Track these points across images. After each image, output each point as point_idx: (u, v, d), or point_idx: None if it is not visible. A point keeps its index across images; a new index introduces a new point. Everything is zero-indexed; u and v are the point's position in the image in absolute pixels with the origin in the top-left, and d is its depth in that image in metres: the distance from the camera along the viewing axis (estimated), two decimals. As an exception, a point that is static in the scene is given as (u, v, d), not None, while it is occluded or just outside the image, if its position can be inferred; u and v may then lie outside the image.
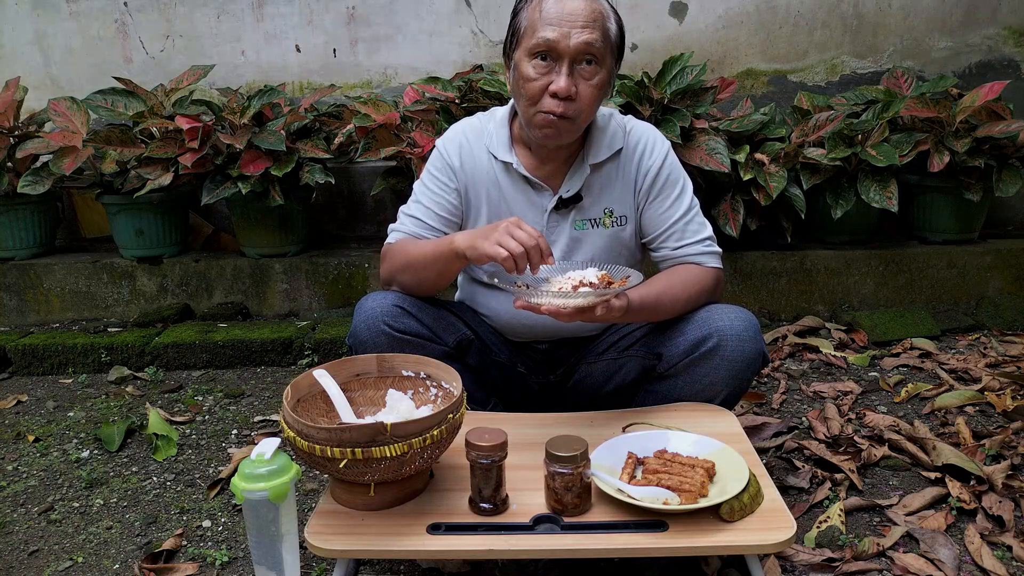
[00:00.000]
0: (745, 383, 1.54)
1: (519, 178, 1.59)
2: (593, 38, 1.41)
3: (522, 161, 1.58)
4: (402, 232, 1.61)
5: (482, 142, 1.61)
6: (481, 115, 1.66)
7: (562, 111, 1.43)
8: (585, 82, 1.44)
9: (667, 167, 1.60)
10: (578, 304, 1.31)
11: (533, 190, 1.59)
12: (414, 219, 1.61)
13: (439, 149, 1.63)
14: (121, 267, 2.94)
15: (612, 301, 1.34)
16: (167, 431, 2.08)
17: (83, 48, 3.36)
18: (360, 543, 1.19)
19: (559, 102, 1.43)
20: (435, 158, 1.63)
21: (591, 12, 1.42)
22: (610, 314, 1.35)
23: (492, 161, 1.59)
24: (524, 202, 1.60)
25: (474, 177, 1.60)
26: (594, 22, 1.42)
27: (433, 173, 1.62)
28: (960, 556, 1.48)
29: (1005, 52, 3.26)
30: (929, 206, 2.89)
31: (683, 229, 1.60)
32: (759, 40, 3.28)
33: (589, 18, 1.41)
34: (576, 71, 1.43)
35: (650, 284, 1.51)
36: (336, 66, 3.36)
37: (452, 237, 1.45)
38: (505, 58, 1.53)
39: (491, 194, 1.60)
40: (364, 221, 3.31)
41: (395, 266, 1.57)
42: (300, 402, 1.32)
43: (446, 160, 1.61)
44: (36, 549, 1.63)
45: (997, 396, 2.15)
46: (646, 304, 1.46)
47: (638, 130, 1.62)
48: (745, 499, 1.20)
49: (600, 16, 1.44)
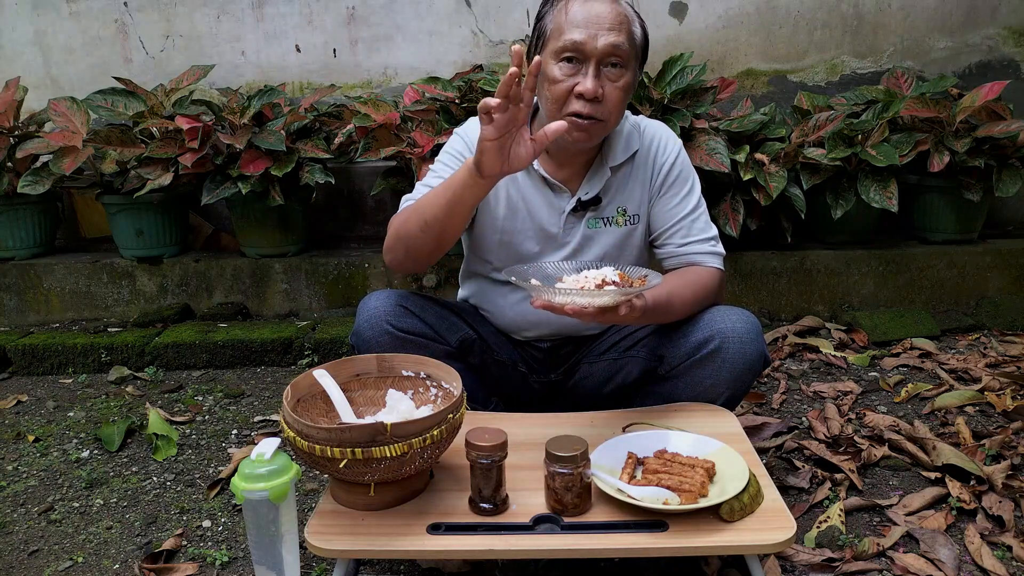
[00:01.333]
0: (746, 385, 1.54)
1: (539, 179, 1.59)
2: (620, 40, 1.42)
3: (541, 163, 1.58)
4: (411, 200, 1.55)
5: None
6: None
7: (589, 112, 1.43)
8: (611, 84, 1.44)
9: (679, 164, 1.62)
10: (604, 303, 1.26)
11: (552, 191, 1.59)
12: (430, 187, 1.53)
13: (461, 136, 1.61)
14: (121, 267, 2.94)
15: (634, 301, 1.32)
16: (167, 431, 2.08)
17: (83, 48, 3.36)
18: (360, 543, 1.19)
19: (586, 103, 1.43)
20: (456, 141, 1.61)
21: (617, 15, 1.43)
22: (631, 314, 1.32)
23: None
24: (542, 202, 1.60)
25: None
26: (620, 25, 1.43)
27: (453, 154, 1.59)
28: (960, 556, 1.48)
29: (1005, 52, 3.26)
30: (929, 206, 2.89)
31: (689, 226, 1.60)
32: (759, 40, 3.28)
33: (615, 21, 1.42)
34: (602, 73, 1.43)
35: (661, 285, 1.51)
36: (336, 66, 3.36)
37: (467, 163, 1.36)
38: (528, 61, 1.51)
39: (510, 191, 1.60)
40: (364, 221, 3.31)
41: (401, 218, 1.49)
42: (300, 402, 1.32)
43: (468, 144, 1.59)
44: (36, 549, 1.63)
45: (997, 396, 2.15)
46: (659, 305, 1.45)
47: (651, 128, 1.64)
48: (745, 499, 1.20)
49: (626, 19, 1.45)
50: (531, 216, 1.60)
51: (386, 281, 2.92)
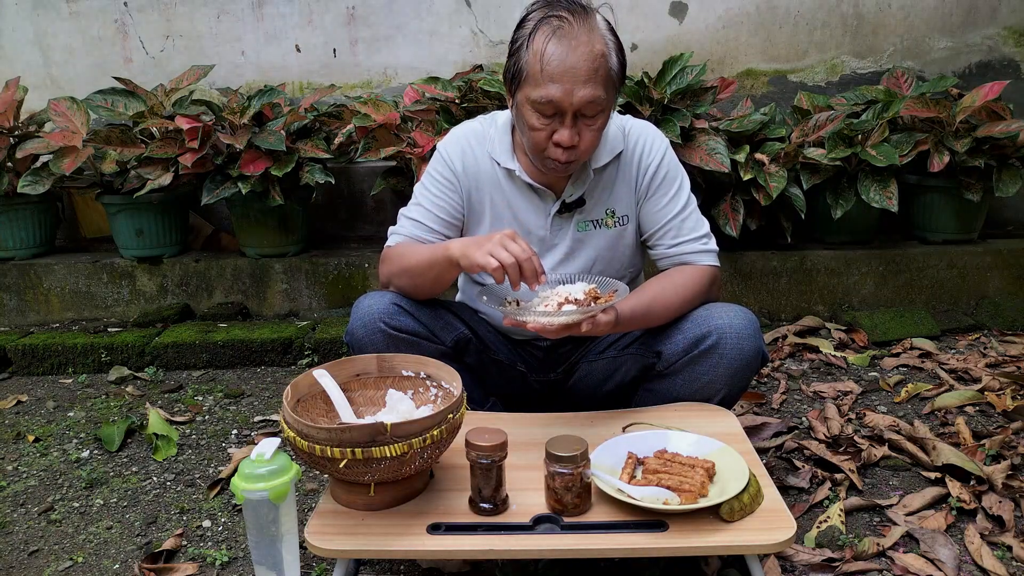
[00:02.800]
0: (744, 381, 1.54)
1: (522, 184, 1.59)
2: (596, 94, 1.40)
3: (524, 168, 1.58)
4: (401, 235, 1.61)
5: (484, 147, 1.60)
6: (482, 118, 1.66)
7: (567, 158, 1.46)
8: (588, 128, 1.45)
9: (665, 164, 1.61)
10: (563, 322, 1.34)
11: (536, 195, 1.60)
12: (414, 222, 1.61)
13: (441, 153, 1.62)
14: (121, 267, 2.94)
15: (599, 316, 1.36)
16: (167, 431, 2.08)
17: (83, 48, 3.36)
18: (360, 543, 1.19)
19: (563, 151, 1.44)
20: (436, 161, 1.63)
21: (592, 61, 1.38)
22: (597, 329, 1.37)
23: (495, 166, 1.60)
24: (527, 206, 1.60)
25: (477, 181, 1.60)
26: (596, 72, 1.39)
27: (434, 176, 1.61)
28: (960, 556, 1.48)
29: (1005, 52, 3.26)
30: (929, 206, 2.89)
31: (679, 226, 1.61)
32: (759, 40, 3.28)
33: (591, 69, 1.38)
34: (579, 120, 1.43)
35: (641, 292, 1.53)
36: (336, 66, 3.36)
37: (448, 244, 1.46)
38: (506, 84, 1.50)
39: (494, 198, 1.60)
40: (364, 221, 3.31)
41: (393, 270, 1.57)
42: (300, 402, 1.33)
43: (448, 163, 1.60)
44: (36, 549, 1.63)
45: (997, 396, 2.15)
46: (637, 314, 1.48)
47: (636, 129, 1.63)
48: (745, 499, 1.20)
49: (602, 62, 1.40)
50: (517, 221, 1.61)
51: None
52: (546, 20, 1.40)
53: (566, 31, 1.38)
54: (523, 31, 1.44)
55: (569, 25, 1.38)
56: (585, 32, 1.39)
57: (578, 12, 1.40)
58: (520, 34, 1.45)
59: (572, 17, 1.39)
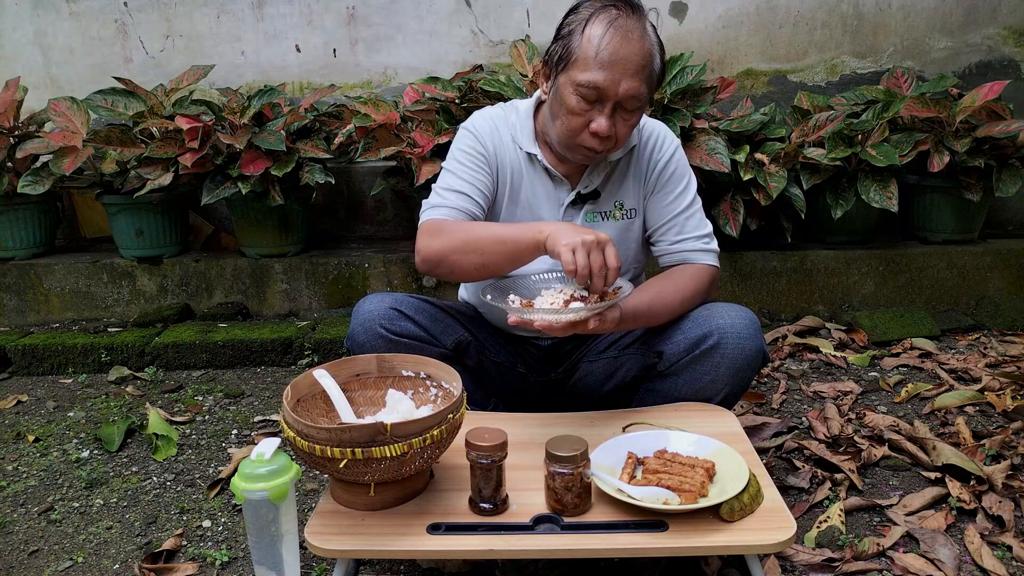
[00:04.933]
0: (745, 381, 1.54)
1: (541, 170, 1.61)
2: (640, 89, 1.43)
3: (544, 155, 1.60)
4: (448, 207, 1.54)
5: (508, 130, 1.62)
6: (502, 105, 1.68)
7: (600, 148, 1.47)
8: (624, 122, 1.47)
9: (674, 161, 1.64)
10: (570, 319, 1.33)
11: (552, 183, 1.61)
12: (461, 195, 1.55)
13: (471, 131, 1.62)
14: (121, 267, 2.94)
15: (605, 313, 1.36)
16: (167, 431, 2.08)
17: (83, 48, 3.36)
18: (360, 543, 1.19)
19: (598, 140, 1.46)
20: (466, 138, 1.62)
21: (643, 55, 1.43)
22: (604, 326, 1.37)
23: (517, 150, 1.61)
24: (543, 194, 1.62)
25: (502, 161, 1.61)
26: (643, 68, 1.43)
27: (468, 152, 1.60)
28: (960, 556, 1.48)
29: (1005, 52, 3.26)
30: (929, 206, 2.89)
31: (683, 223, 1.62)
32: (759, 40, 3.28)
33: (640, 64, 1.42)
34: (618, 112, 1.45)
35: (642, 291, 1.53)
36: (336, 66, 3.36)
37: (539, 226, 1.39)
38: (546, 67, 1.52)
39: (514, 181, 1.62)
40: (364, 221, 3.31)
41: (455, 244, 1.46)
42: (300, 402, 1.32)
43: (479, 141, 1.60)
44: (36, 549, 1.63)
45: (997, 396, 2.15)
46: (639, 312, 1.48)
47: (650, 126, 1.66)
48: (745, 499, 1.20)
49: (650, 59, 1.45)
50: (531, 209, 1.62)
51: (386, 281, 2.93)
52: (605, 9, 1.43)
53: (623, 24, 1.42)
54: (578, 16, 1.47)
55: (626, 19, 1.43)
56: (639, 29, 1.44)
57: (636, 9, 1.46)
58: (574, 18, 1.47)
59: (630, 12, 1.44)
